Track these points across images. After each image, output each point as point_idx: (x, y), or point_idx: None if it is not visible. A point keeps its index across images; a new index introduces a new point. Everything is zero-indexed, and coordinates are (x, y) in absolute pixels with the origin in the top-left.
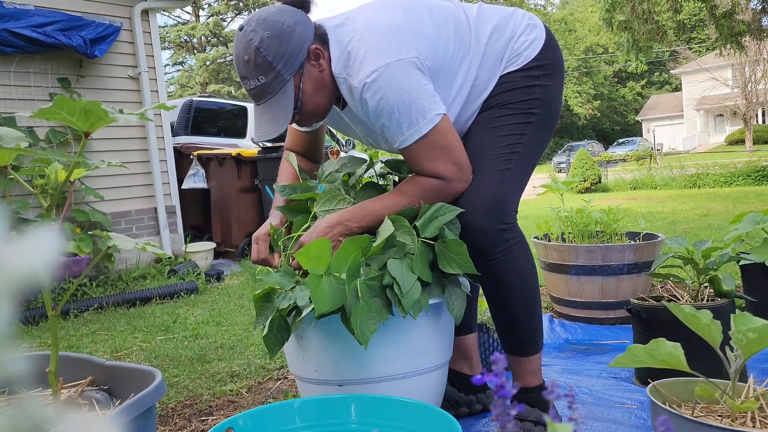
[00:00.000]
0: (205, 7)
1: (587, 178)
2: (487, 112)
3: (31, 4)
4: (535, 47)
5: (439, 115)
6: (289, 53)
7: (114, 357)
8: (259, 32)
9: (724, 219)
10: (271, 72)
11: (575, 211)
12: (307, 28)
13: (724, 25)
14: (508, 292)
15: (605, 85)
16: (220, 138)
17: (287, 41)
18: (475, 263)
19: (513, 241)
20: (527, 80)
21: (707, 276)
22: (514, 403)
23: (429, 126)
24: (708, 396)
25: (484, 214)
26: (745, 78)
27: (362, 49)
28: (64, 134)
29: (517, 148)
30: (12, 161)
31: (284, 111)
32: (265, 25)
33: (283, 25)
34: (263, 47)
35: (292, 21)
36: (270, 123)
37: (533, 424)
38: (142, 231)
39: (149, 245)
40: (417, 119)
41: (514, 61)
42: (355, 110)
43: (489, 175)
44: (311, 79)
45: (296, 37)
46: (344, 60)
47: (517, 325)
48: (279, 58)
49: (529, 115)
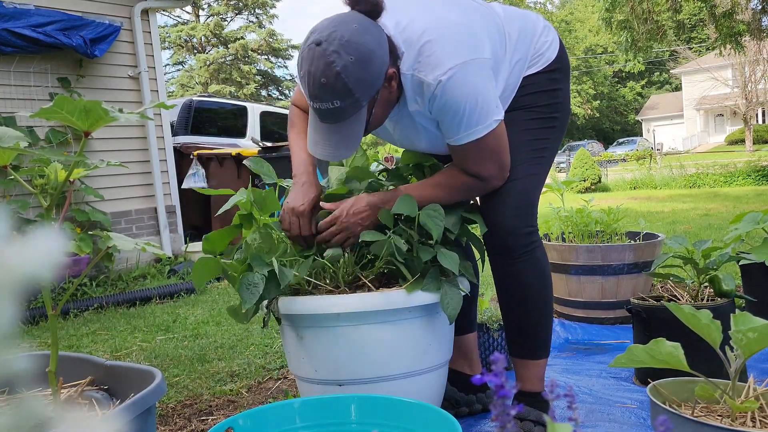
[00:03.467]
0: (205, 7)
1: (587, 177)
2: (515, 113)
3: (31, 4)
4: (555, 48)
5: (497, 121)
6: (369, 81)
7: (114, 357)
8: (343, 56)
9: (724, 219)
10: (349, 98)
11: (575, 210)
12: (385, 49)
13: (724, 25)
14: (526, 292)
15: (605, 84)
16: (220, 138)
17: (369, 68)
18: (499, 263)
19: (536, 244)
20: (550, 83)
21: (707, 276)
22: (514, 403)
23: (487, 130)
24: (708, 396)
25: (515, 215)
26: (745, 78)
27: (437, 45)
28: (64, 134)
29: (543, 153)
30: (12, 161)
31: (354, 135)
32: (349, 48)
33: (366, 49)
34: (345, 73)
35: (374, 44)
36: (336, 145)
37: (533, 424)
38: (142, 231)
39: (149, 245)
40: (478, 122)
41: (536, 61)
42: (413, 108)
43: (520, 177)
44: (383, 101)
45: (377, 63)
46: (414, 56)
47: (531, 327)
48: (360, 86)
49: (552, 119)
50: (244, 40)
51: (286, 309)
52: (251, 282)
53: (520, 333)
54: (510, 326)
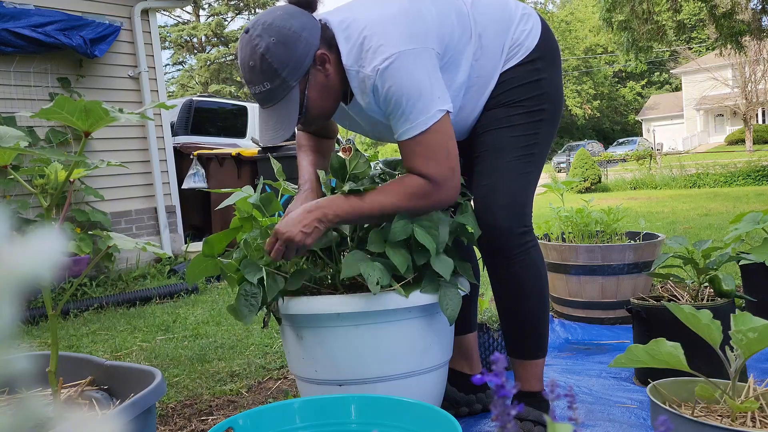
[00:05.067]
0: (205, 7)
1: (587, 177)
2: (497, 110)
3: (31, 4)
4: (534, 36)
5: (442, 111)
6: (294, 60)
7: (114, 357)
8: (264, 38)
9: (724, 219)
10: (276, 79)
11: (575, 210)
12: (314, 33)
13: (724, 25)
14: (522, 293)
15: (605, 84)
16: (220, 138)
17: (293, 48)
18: (494, 264)
19: (531, 244)
20: (532, 74)
21: (707, 276)
22: (514, 403)
23: (431, 121)
24: (708, 396)
25: (508, 215)
26: (745, 78)
27: (375, 37)
28: (64, 134)
29: (533, 149)
30: (12, 161)
31: (289, 117)
32: (271, 30)
33: (289, 31)
34: (269, 54)
35: (298, 26)
36: (275, 128)
37: (533, 424)
38: (142, 231)
39: (149, 245)
40: (422, 112)
41: (515, 52)
42: (363, 103)
43: (511, 177)
44: (316, 84)
45: (302, 44)
46: (356, 52)
47: (528, 327)
48: (284, 65)
49: (539, 112)
50: None
51: (286, 309)
52: (249, 293)
53: (517, 333)
54: (507, 326)
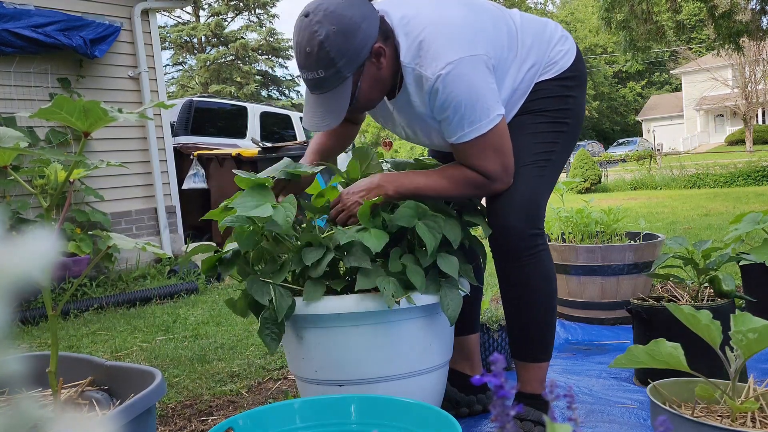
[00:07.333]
0: (205, 7)
1: (587, 178)
2: (523, 116)
3: (31, 4)
4: (569, 58)
5: (500, 115)
6: (352, 52)
7: (114, 357)
8: (325, 25)
9: (724, 219)
10: (331, 68)
11: (575, 211)
12: (373, 24)
13: (723, 26)
14: (531, 295)
15: (605, 85)
16: (220, 138)
17: (352, 39)
18: (504, 265)
19: (542, 246)
20: (562, 90)
21: (707, 276)
22: (513, 403)
23: (489, 126)
24: (708, 396)
25: (520, 216)
26: (745, 78)
27: (436, 40)
28: (64, 134)
29: (551, 156)
30: (12, 161)
31: (339, 108)
32: (333, 18)
33: (350, 21)
34: (327, 42)
35: (359, 16)
36: (323, 116)
37: (533, 424)
38: (142, 231)
39: (149, 245)
40: (480, 117)
41: (549, 69)
42: (415, 101)
43: (526, 179)
44: (369, 76)
45: (361, 35)
46: (415, 50)
47: (534, 331)
48: (342, 55)
49: (562, 124)
50: (244, 39)
51: None
52: (270, 319)
53: (522, 335)
54: (513, 328)
